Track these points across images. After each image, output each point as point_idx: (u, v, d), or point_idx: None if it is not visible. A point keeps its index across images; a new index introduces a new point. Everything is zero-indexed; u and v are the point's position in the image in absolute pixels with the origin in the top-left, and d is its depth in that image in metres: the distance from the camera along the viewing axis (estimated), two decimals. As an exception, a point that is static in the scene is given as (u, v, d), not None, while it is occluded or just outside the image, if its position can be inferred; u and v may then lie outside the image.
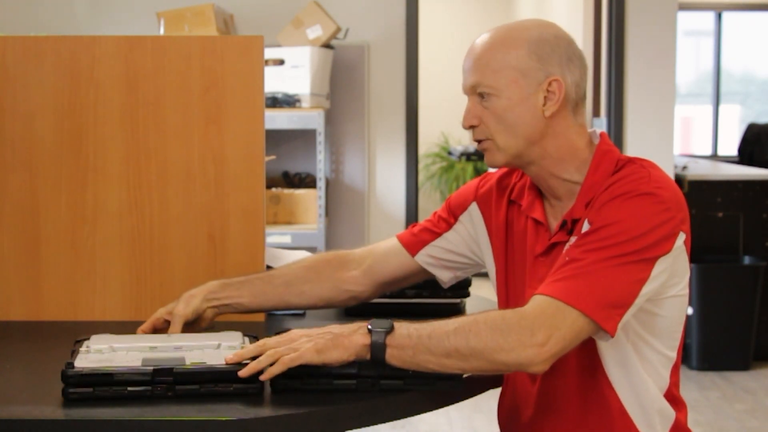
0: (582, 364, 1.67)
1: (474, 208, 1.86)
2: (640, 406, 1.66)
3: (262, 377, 1.48)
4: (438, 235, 1.88)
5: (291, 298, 1.89)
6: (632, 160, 1.67)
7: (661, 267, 1.57)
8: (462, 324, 1.51)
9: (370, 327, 1.51)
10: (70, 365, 1.47)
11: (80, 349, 1.59)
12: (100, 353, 1.57)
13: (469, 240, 1.87)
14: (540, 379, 1.72)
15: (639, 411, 1.66)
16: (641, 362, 1.65)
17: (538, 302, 1.53)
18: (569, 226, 1.66)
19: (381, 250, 1.92)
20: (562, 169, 1.69)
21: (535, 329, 1.49)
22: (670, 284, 1.62)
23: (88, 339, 1.65)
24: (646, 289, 1.56)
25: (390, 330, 1.50)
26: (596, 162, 1.68)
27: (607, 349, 1.64)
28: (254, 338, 1.65)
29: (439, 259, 1.88)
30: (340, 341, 1.50)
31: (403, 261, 1.89)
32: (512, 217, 1.79)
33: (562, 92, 1.66)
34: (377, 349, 1.49)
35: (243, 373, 1.47)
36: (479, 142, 1.71)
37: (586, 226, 1.61)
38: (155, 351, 1.58)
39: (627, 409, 1.66)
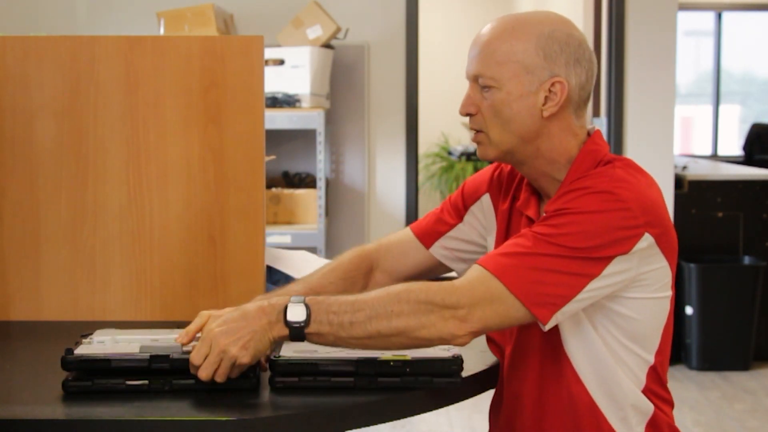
0: (546, 355, 1.65)
1: (486, 199, 1.85)
2: (611, 400, 1.63)
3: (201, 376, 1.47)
4: (451, 226, 1.87)
5: None
6: (613, 161, 1.64)
7: (618, 267, 1.54)
8: (384, 303, 1.49)
9: (288, 320, 1.48)
10: (70, 351, 1.49)
11: (84, 341, 1.60)
12: (102, 344, 1.58)
13: (480, 229, 1.86)
14: (510, 370, 1.71)
15: (610, 404, 1.63)
16: (614, 360, 1.62)
17: (473, 276, 1.53)
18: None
19: (397, 245, 1.90)
20: (553, 169, 1.68)
21: (460, 305, 1.49)
22: (637, 285, 1.59)
23: (92, 333, 1.66)
24: (595, 285, 1.53)
25: (307, 322, 1.47)
26: (579, 161, 1.66)
27: (572, 341, 1.62)
28: None
29: (453, 250, 1.88)
30: (262, 342, 1.47)
31: (419, 256, 1.89)
32: (515, 211, 1.77)
33: (564, 95, 1.64)
34: (297, 338, 1.49)
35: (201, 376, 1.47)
36: (475, 132, 1.69)
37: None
38: (155, 342, 1.59)
39: (597, 402, 1.63)
